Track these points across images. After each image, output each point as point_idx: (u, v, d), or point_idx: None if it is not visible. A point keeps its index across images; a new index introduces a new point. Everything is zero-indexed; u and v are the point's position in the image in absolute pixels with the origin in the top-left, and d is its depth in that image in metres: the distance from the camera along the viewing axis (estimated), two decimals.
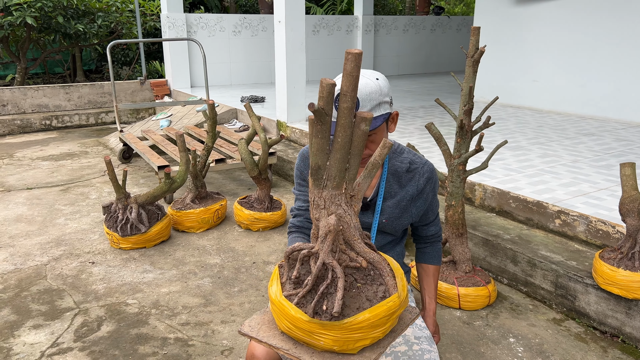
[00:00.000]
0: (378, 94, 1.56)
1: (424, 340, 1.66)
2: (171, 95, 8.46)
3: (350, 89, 1.11)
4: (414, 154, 1.81)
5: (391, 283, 1.16)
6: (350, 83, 1.11)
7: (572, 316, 2.56)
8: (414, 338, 1.67)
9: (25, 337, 2.42)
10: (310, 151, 1.19)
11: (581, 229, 2.87)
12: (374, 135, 1.61)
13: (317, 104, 1.14)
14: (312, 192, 1.21)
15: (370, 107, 1.55)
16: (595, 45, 5.64)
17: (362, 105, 1.54)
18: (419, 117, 5.88)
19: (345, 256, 1.18)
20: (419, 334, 1.68)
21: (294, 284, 1.20)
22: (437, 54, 11.03)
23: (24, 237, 3.56)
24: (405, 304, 1.19)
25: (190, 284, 2.93)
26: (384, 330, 1.14)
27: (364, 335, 1.11)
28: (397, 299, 1.14)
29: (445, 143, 2.64)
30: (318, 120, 1.15)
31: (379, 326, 1.12)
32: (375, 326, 1.11)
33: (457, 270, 2.74)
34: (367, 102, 1.54)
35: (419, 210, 1.79)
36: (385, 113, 1.59)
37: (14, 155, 5.86)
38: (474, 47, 2.51)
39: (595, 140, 4.69)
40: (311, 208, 1.23)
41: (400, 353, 1.62)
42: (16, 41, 8.70)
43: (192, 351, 2.32)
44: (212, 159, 4.22)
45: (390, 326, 1.16)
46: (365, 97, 1.54)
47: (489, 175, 3.60)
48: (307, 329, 1.11)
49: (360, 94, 1.53)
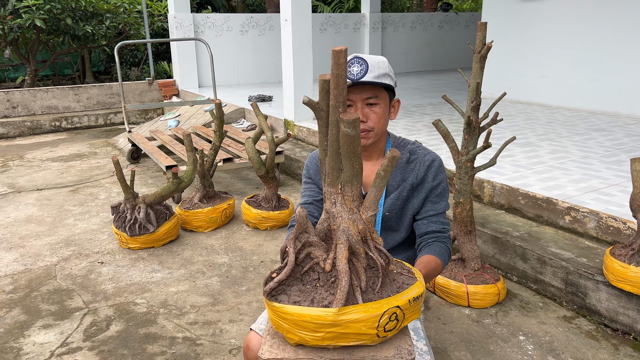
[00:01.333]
0: (385, 65, 1.64)
1: None
2: (179, 96, 8.49)
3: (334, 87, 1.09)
4: (418, 147, 1.80)
5: (339, 297, 1.09)
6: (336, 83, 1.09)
7: (583, 313, 2.53)
8: None
9: (35, 336, 2.44)
10: None
11: (591, 225, 2.84)
12: (376, 106, 1.64)
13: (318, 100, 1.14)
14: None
15: (378, 74, 1.60)
16: (605, 39, 5.58)
17: (371, 70, 1.59)
18: (427, 114, 5.85)
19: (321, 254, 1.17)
20: None
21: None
22: (445, 51, 10.97)
23: (34, 238, 3.59)
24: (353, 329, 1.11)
25: (199, 283, 2.93)
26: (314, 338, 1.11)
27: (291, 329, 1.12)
28: (332, 314, 1.07)
29: (452, 140, 2.62)
30: (317, 116, 1.15)
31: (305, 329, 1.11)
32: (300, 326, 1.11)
33: (466, 267, 2.72)
34: (376, 68, 1.61)
35: (419, 200, 1.75)
36: (390, 84, 1.64)
37: (25, 157, 5.91)
38: (481, 42, 2.49)
39: (605, 135, 4.64)
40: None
41: None
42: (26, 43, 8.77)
43: (200, 350, 2.32)
44: (220, 159, 4.22)
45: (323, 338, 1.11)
46: (375, 63, 1.61)
47: (497, 172, 3.57)
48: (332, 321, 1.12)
49: (371, 60, 1.61)
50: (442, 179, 1.76)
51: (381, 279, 1.17)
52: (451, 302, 2.67)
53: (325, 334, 1.09)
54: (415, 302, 1.18)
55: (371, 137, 1.68)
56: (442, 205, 1.76)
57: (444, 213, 1.77)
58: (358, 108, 1.63)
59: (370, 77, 1.59)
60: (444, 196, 1.77)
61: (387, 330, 1.14)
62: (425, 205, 1.75)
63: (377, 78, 1.60)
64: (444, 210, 1.77)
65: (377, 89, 1.62)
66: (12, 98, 7.42)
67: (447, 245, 1.72)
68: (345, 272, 1.11)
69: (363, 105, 1.63)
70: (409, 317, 1.18)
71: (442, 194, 1.76)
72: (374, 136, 1.69)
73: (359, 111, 1.62)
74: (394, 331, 1.17)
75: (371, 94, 1.62)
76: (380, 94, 1.64)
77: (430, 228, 1.74)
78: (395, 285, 1.20)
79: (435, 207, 1.75)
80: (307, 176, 1.83)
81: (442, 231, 1.74)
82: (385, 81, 1.62)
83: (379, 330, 1.12)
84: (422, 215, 1.76)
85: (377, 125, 1.66)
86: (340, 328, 1.09)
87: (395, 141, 1.79)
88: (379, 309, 1.11)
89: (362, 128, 1.64)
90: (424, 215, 1.75)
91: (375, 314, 1.11)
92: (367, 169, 1.76)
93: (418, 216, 1.77)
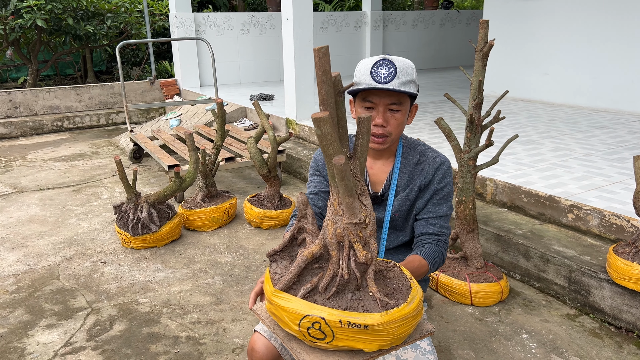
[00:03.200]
0: (412, 71, 1.61)
1: None
2: (181, 95, 8.49)
3: None
4: (428, 148, 1.79)
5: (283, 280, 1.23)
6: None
7: (586, 311, 2.53)
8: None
9: (38, 336, 2.44)
10: None
11: (594, 223, 2.83)
12: (398, 112, 1.63)
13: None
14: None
15: (405, 80, 1.58)
16: (607, 36, 5.56)
17: (399, 75, 1.57)
18: (428, 113, 5.84)
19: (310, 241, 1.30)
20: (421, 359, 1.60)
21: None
22: (446, 49, 10.95)
23: (37, 238, 3.60)
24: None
25: (201, 283, 2.94)
26: None
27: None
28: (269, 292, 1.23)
29: (455, 138, 2.62)
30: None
31: None
32: None
33: (469, 266, 2.71)
34: (404, 74, 1.58)
35: (423, 201, 1.74)
36: (415, 92, 1.61)
37: (27, 157, 5.92)
38: (483, 40, 2.48)
39: (608, 133, 4.63)
40: None
41: None
42: (27, 43, 8.78)
43: (203, 350, 2.32)
44: (222, 158, 4.22)
45: None
46: (403, 68, 1.58)
47: (500, 170, 3.56)
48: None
49: (399, 65, 1.58)
50: (448, 182, 1.74)
51: (334, 289, 1.17)
52: (454, 301, 2.67)
53: (270, 306, 1.22)
54: (352, 327, 1.12)
55: (388, 142, 1.68)
56: (444, 208, 1.74)
57: (446, 217, 1.74)
58: (380, 112, 1.60)
59: (397, 83, 1.56)
60: (447, 199, 1.75)
61: (312, 336, 1.15)
62: (427, 206, 1.74)
63: (404, 85, 1.58)
64: (445, 213, 1.74)
65: (401, 95, 1.60)
66: (14, 98, 7.43)
67: (440, 249, 1.68)
68: (298, 264, 1.20)
69: (385, 110, 1.60)
70: (342, 339, 1.13)
71: (446, 197, 1.74)
72: (391, 141, 1.68)
73: (380, 115, 1.60)
74: (322, 343, 1.15)
75: (395, 100, 1.59)
76: (404, 100, 1.62)
77: (427, 230, 1.71)
78: (354, 303, 1.16)
79: (436, 209, 1.73)
80: (315, 168, 1.83)
81: (438, 234, 1.71)
82: (411, 89, 1.59)
83: (301, 331, 1.15)
84: (422, 216, 1.74)
85: (395, 131, 1.66)
86: (273, 307, 1.21)
87: (407, 142, 1.79)
88: (302, 309, 1.15)
89: (380, 132, 1.62)
90: (423, 217, 1.74)
91: (298, 312, 1.15)
92: (377, 168, 1.76)
93: (418, 216, 1.76)
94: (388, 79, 1.56)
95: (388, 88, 1.55)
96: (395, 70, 1.56)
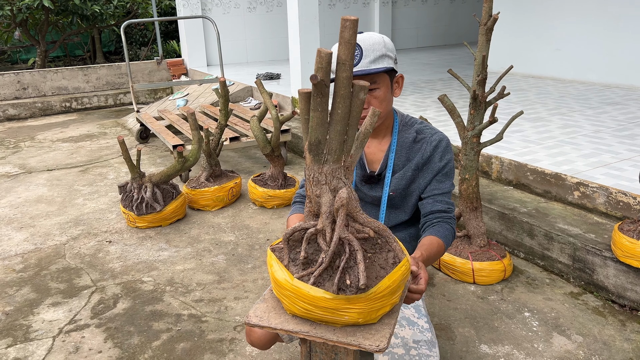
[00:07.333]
0: (382, 45, 1.55)
1: (423, 345, 1.59)
2: (188, 75, 8.47)
3: (349, 58, 1.07)
4: (426, 125, 1.76)
5: (398, 248, 1.17)
6: (348, 51, 1.07)
7: (590, 290, 2.50)
8: (412, 342, 1.59)
9: (44, 314, 2.48)
10: (306, 126, 1.15)
11: (601, 200, 2.79)
12: (376, 90, 1.58)
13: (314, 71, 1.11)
14: (311, 168, 1.17)
15: (374, 58, 1.53)
16: (620, 10, 5.41)
17: (365, 55, 1.52)
18: (436, 90, 5.76)
19: (351, 229, 1.16)
20: (418, 337, 1.60)
21: (302, 264, 1.17)
22: (457, 25, 10.76)
23: (44, 218, 3.63)
24: None
25: (205, 262, 2.95)
26: (400, 295, 1.17)
27: (385, 303, 1.12)
28: (407, 262, 1.16)
29: (459, 115, 2.57)
30: (318, 93, 1.11)
31: (396, 291, 1.14)
32: (393, 292, 1.13)
33: (472, 244, 2.69)
34: (371, 52, 1.53)
35: (426, 180, 1.72)
36: (388, 67, 1.56)
37: (35, 138, 5.96)
38: (487, 14, 2.42)
39: (619, 109, 4.53)
40: (309, 185, 1.19)
41: (397, 356, 1.57)
42: (35, 24, 8.78)
43: (205, 327, 2.34)
44: (226, 137, 4.21)
45: (402, 289, 1.17)
46: (369, 47, 1.53)
47: (506, 148, 3.51)
48: (332, 307, 1.08)
49: (365, 43, 1.53)
50: (449, 159, 1.72)
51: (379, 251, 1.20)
52: (456, 279, 2.66)
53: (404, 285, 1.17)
54: None
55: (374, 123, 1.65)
56: (447, 184, 1.72)
57: (449, 193, 1.73)
58: None
59: (365, 63, 1.52)
60: (450, 176, 1.74)
61: None
62: (432, 184, 1.72)
63: (374, 62, 1.53)
64: (449, 190, 1.73)
65: (375, 74, 1.55)
66: (22, 79, 7.46)
67: (451, 226, 1.69)
68: (386, 228, 1.19)
69: None
70: None
71: (449, 173, 1.73)
72: (379, 120, 1.65)
73: None
74: None
75: (369, 80, 1.54)
76: (379, 77, 1.56)
77: (435, 207, 1.70)
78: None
79: (441, 186, 1.71)
80: None
81: (447, 211, 1.70)
82: (381, 65, 1.54)
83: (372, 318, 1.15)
84: (427, 194, 1.72)
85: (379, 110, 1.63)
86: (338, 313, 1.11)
87: (403, 119, 1.75)
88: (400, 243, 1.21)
89: (363, 115, 1.58)
90: (429, 194, 1.72)
91: None
92: (374, 147, 1.73)
93: (423, 195, 1.73)
94: (355, 61, 1.51)
95: (356, 72, 1.51)
96: (361, 51, 1.52)
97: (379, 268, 1.14)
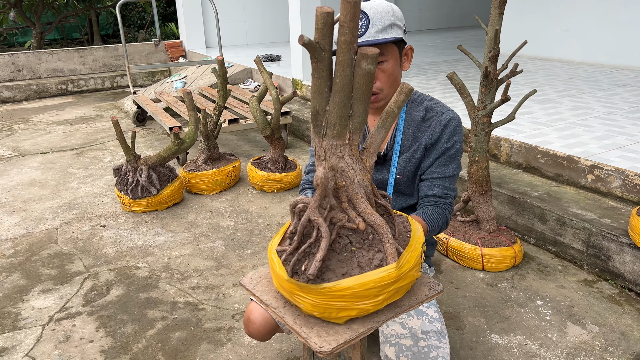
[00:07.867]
0: (390, 13, 1.43)
1: (432, 335, 1.48)
2: (186, 57, 8.29)
3: (348, 19, 0.94)
4: (436, 103, 1.63)
5: (391, 251, 1.01)
6: (349, 12, 0.93)
7: (605, 277, 2.39)
8: (421, 332, 1.48)
9: (34, 301, 2.37)
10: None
11: (616, 184, 2.66)
12: (384, 63, 1.46)
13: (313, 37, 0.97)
14: (314, 140, 1.06)
15: (381, 27, 1.41)
16: None
17: (372, 24, 1.40)
18: (441, 72, 5.61)
19: (343, 215, 1.03)
20: (428, 327, 1.49)
21: (289, 239, 1.09)
22: (461, 7, 10.53)
23: (36, 201, 3.52)
24: (409, 278, 1.04)
25: (202, 247, 2.84)
26: (376, 304, 1.00)
27: (348, 305, 0.99)
28: (394, 270, 0.98)
29: (468, 94, 2.44)
30: (313, 57, 0.98)
31: (367, 297, 0.99)
32: (361, 297, 0.98)
33: (481, 230, 2.58)
34: (378, 20, 1.41)
35: (429, 161, 1.59)
36: (397, 37, 1.43)
37: (30, 120, 5.82)
38: None
39: (631, 91, 4.39)
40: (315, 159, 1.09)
41: (405, 347, 1.46)
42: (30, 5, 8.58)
43: (202, 315, 2.24)
44: (225, 119, 4.07)
45: (384, 299, 1.01)
46: (376, 15, 1.41)
47: (515, 130, 3.38)
48: (287, 289, 1.03)
49: (371, 11, 1.41)
50: (457, 140, 1.59)
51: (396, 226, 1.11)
52: (465, 266, 2.55)
53: (387, 294, 1.01)
54: None
55: (381, 100, 1.52)
56: (450, 168, 1.60)
57: (452, 177, 1.60)
58: None
59: (372, 33, 1.40)
60: (455, 159, 1.60)
61: None
62: (433, 166, 1.59)
63: (381, 32, 1.41)
64: (451, 174, 1.60)
65: (383, 45, 1.43)
66: (16, 61, 7.29)
67: (444, 211, 1.57)
68: (384, 224, 1.03)
69: None
70: None
71: (454, 156, 1.60)
72: (385, 97, 1.52)
73: None
74: None
75: None
76: (387, 49, 1.45)
77: (431, 192, 1.59)
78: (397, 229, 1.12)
79: (442, 169, 1.59)
80: None
81: (443, 196, 1.58)
82: (390, 35, 1.42)
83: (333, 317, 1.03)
84: (427, 176, 1.61)
85: (386, 85, 1.49)
86: (401, 281, 1.02)
87: (412, 96, 1.62)
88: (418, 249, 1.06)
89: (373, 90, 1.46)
90: (428, 177, 1.60)
91: (418, 254, 1.06)
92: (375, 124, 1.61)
93: (423, 177, 1.62)
94: (361, 31, 1.39)
95: (362, 42, 1.38)
96: (367, 20, 1.40)
97: (354, 265, 1.01)
